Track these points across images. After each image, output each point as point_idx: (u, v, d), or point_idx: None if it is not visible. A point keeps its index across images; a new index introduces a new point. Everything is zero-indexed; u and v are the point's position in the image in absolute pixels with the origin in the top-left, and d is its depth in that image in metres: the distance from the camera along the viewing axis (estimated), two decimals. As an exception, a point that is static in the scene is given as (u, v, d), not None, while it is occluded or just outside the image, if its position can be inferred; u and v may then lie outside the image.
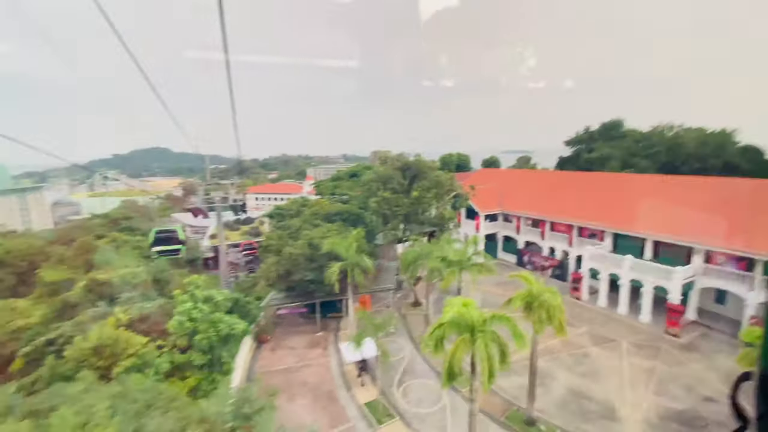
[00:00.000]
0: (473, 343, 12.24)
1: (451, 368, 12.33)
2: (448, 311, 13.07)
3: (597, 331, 28.57)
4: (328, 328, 29.71)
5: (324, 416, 19.97)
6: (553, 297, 16.43)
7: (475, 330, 12.65)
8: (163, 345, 17.55)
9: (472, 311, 12.80)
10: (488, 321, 12.85)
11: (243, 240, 56.41)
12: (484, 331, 12.57)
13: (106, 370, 14.08)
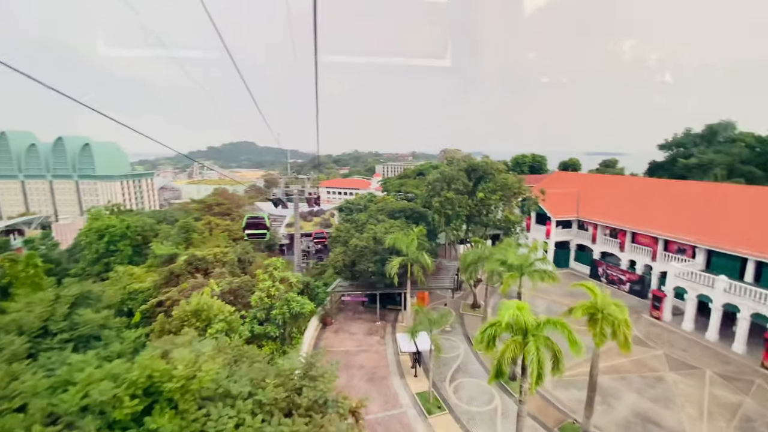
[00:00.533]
0: (525, 346, 12.49)
1: (499, 366, 12.72)
2: (503, 313, 13.42)
3: (677, 355, 26.03)
4: (386, 319, 31.16)
5: (378, 398, 21.39)
6: (619, 311, 15.72)
7: (528, 333, 12.86)
8: (245, 316, 20.33)
9: (526, 314, 13.00)
10: (542, 326, 12.94)
11: (315, 230, 60.53)
12: (537, 335, 12.72)
13: (202, 330, 16.97)
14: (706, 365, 24.68)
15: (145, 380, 7.27)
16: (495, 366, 12.77)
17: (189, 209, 69.58)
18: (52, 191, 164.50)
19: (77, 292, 16.15)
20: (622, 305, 16.20)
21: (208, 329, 17.09)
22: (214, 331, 16.48)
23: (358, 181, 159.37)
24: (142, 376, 7.27)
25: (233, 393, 7.77)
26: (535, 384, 12.15)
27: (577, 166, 76.73)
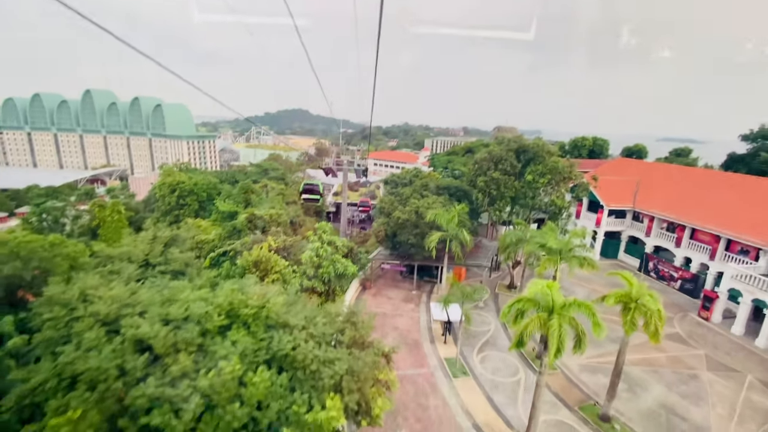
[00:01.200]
0: (548, 322, 13.35)
1: (521, 337, 13.76)
2: (531, 289, 14.29)
3: (718, 357, 25.24)
4: (422, 289, 32.79)
5: (408, 358, 23.36)
6: (652, 302, 15.88)
7: (554, 311, 13.67)
8: (296, 271, 22.78)
9: (555, 294, 13.76)
10: (568, 306, 13.66)
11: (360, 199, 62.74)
12: (562, 314, 13.49)
13: (260, 279, 19.53)
14: (748, 370, 23.82)
15: (227, 305, 9.34)
16: (517, 336, 13.83)
17: (247, 172, 74.60)
18: (129, 147, 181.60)
19: (169, 235, 19.29)
20: (656, 296, 16.28)
21: (265, 278, 19.63)
22: (271, 280, 18.98)
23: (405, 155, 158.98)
24: (225, 302, 9.35)
25: (291, 324, 9.66)
26: (554, 357, 13.08)
27: (643, 152, 71.24)
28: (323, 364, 8.54)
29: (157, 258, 15.76)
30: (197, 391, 6.81)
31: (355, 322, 10.74)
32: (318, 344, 9.19)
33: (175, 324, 8.17)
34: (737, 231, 31.47)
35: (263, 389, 7.32)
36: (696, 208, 36.22)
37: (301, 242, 26.12)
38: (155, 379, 6.95)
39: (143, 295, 9.33)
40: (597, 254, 43.53)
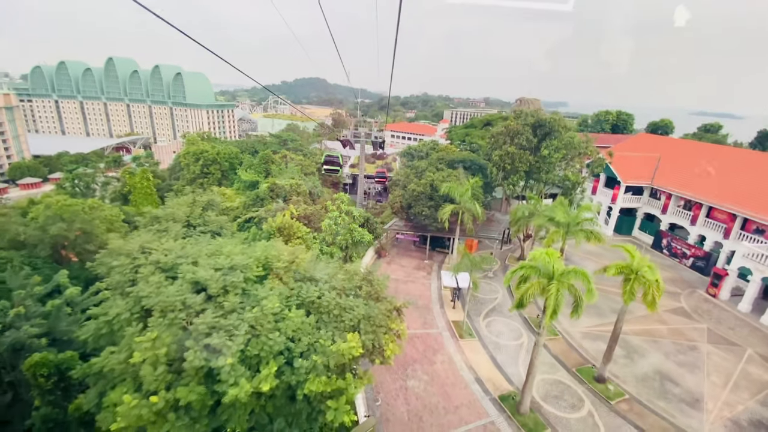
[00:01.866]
0: (548, 287, 14.54)
1: (521, 299, 15.05)
2: (532, 255, 15.43)
3: (721, 331, 26.09)
4: (434, 259, 34.24)
5: (418, 319, 25.15)
6: (651, 273, 16.80)
7: (553, 277, 14.82)
8: (316, 237, 24.43)
9: (555, 262, 14.85)
10: (567, 273, 14.76)
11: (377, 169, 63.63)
12: (561, 280, 14.62)
13: (284, 243, 21.23)
14: (749, 344, 24.66)
15: (263, 259, 10.89)
16: (518, 298, 15.13)
17: (267, 142, 76.03)
18: (151, 115, 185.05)
19: (207, 199, 21.08)
20: (654, 268, 17.15)
21: (288, 243, 21.28)
22: (294, 245, 20.63)
23: (423, 127, 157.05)
24: (262, 256, 10.89)
25: (316, 278, 11.19)
26: (550, 318, 14.36)
27: (669, 127, 68.98)
28: (344, 309, 10.05)
29: (196, 219, 17.57)
30: (245, 322, 8.41)
31: (371, 280, 12.19)
32: (339, 295, 10.69)
33: (223, 272, 9.75)
34: (754, 210, 31.30)
35: (296, 324, 8.89)
36: (715, 186, 35.86)
37: (320, 211, 27.64)
38: (211, 311, 8.59)
39: (192, 248, 10.97)
40: (611, 230, 43.85)
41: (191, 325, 8.28)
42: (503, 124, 31.50)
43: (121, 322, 9.02)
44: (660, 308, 28.36)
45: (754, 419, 18.79)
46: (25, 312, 18.67)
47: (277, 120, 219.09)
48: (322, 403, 8.89)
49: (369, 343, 9.65)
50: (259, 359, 8.14)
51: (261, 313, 8.47)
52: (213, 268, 9.62)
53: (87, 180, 69.96)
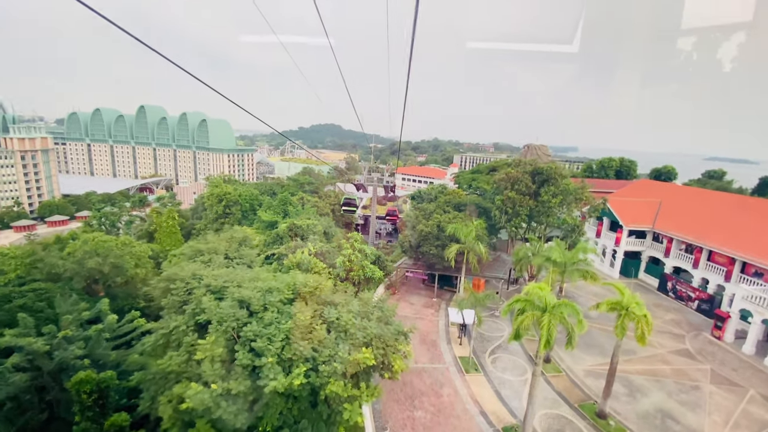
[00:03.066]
0: (541, 319, 16.13)
1: (518, 330, 16.58)
2: (527, 289, 17.20)
3: (724, 372, 26.48)
4: (442, 297, 35.63)
5: (426, 354, 26.32)
6: (638, 308, 18.24)
7: (546, 309, 16.45)
8: (331, 273, 26.46)
9: (546, 295, 16.55)
10: (558, 306, 16.39)
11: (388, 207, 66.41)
12: (553, 312, 16.23)
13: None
14: (751, 385, 24.97)
15: (293, 285, 13.00)
16: (515, 329, 16.69)
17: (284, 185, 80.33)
18: (176, 158, 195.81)
19: (242, 236, 23.67)
20: (642, 304, 18.59)
21: (306, 277, 23.39)
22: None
23: (433, 170, 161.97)
24: (291, 282, 13.02)
25: (336, 302, 13.15)
26: (543, 348, 15.81)
27: (672, 174, 71.03)
28: (358, 329, 11.90)
29: (234, 253, 19.97)
30: (282, 331, 10.37)
31: (382, 307, 14.09)
32: (354, 317, 12.58)
33: (262, 293, 11.84)
34: (751, 253, 32.43)
35: (321, 335, 10.78)
36: (714, 230, 37.21)
37: (335, 249, 29.91)
38: (255, 323, 10.60)
39: (234, 275, 13.16)
40: (617, 273, 44.77)
41: (240, 333, 10.28)
42: (504, 171, 34.21)
43: (179, 333, 11.06)
44: (664, 349, 29.24)
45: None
46: (71, 335, 20.85)
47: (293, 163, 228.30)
48: (339, 406, 10.53)
49: (380, 357, 11.40)
50: (291, 362, 9.99)
51: (294, 325, 10.48)
52: (254, 290, 11.76)
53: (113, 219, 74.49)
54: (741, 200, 44.56)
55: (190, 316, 11.20)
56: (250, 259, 20.26)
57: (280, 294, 12.02)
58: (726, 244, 34.79)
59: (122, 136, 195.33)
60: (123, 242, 40.42)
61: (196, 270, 13.35)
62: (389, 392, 22.56)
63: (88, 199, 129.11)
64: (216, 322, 10.42)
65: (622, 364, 26.56)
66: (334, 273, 26.29)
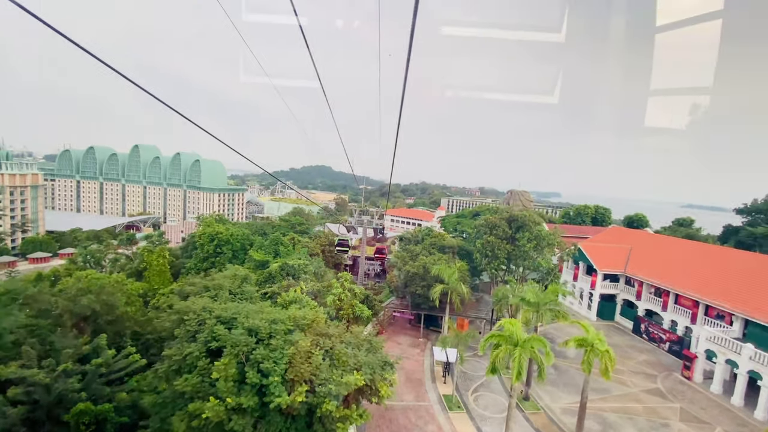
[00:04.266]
0: (513, 352, 17.92)
1: (494, 364, 18.28)
2: (500, 324, 19.10)
3: (693, 411, 28.00)
4: (428, 338, 36.86)
5: (411, 392, 27.29)
6: (601, 344, 20.21)
7: (518, 344, 18.30)
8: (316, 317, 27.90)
9: (518, 330, 18.47)
10: (529, 341, 18.27)
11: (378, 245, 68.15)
12: (524, 346, 18.06)
13: (295, 314, 24.68)
14: (718, 423, 26.48)
15: (293, 317, 14.63)
16: (491, 364, 18.39)
17: (275, 225, 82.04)
18: (165, 197, 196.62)
19: (244, 274, 25.22)
20: (603, 340, 20.57)
21: (298, 314, 24.76)
22: (304, 315, 24.14)
23: (421, 213, 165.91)
24: (292, 316, 14.66)
25: (330, 333, 14.78)
26: (516, 378, 17.49)
27: (643, 221, 75.47)
28: (350, 357, 13.51)
29: (236, 289, 21.49)
30: (285, 355, 11.96)
31: (371, 340, 15.77)
32: (346, 347, 14.21)
33: (268, 323, 13.48)
34: (712, 297, 35.13)
35: (317, 361, 12.36)
36: (679, 275, 40.13)
37: (326, 288, 31.47)
38: (262, 348, 12.17)
39: (241, 308, 14.78)
40: (594, 315, 46.80)
41: (250, 356, 11.83)
42: (484, 217, 37.10)
43: (192, 358, 12.51)
44: (637, 388, 30.84)
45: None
46: (70, 369, 21.56)
47: (283, 203, 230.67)
48: (333, 425, 11.90)
49: (368, 382, 12.95)
50: (293, 382, 11.49)
51: (296, 351, 12.09)
52: (261, 320, 13.40)
53: (98, 256, 74.38)
54: (703, 248, 48.13)
55: (202, 344, 12.70)
56: (251, 295, 21.76)
57: (283, 324, 13.67)
58: (690, 288, 37.57)
59: (113, 174, 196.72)
60: (116, 280, 41.14)
61: (206, 304, 14.96)
62: (376, 429, 23.43)
63: (73, 236, 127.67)
64: (230, 347, 11.97)
65: (597, 402, 28.03)
66: (324, 311, 27.71)
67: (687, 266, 41.39)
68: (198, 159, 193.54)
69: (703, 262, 40.96)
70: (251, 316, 13.59)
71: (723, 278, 36.71)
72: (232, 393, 10.89)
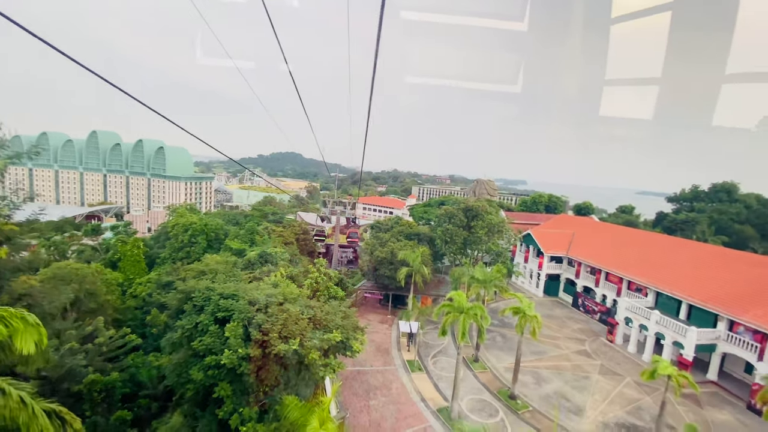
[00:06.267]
0: (459, 317, 22.42)
1: (444, 327, 22.75)
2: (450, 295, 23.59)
3: (610, 366, 34.16)
4: (395, 314, 41.37)
5: (380, 359, 31.66)
6: (530, 310, 25.19)
7: (463, 311, 22.82)
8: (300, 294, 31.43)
9: (462, 300, 22.99)
10: (471, 308, 22.83)
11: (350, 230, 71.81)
12: (467, 312, 22.61)
13: (277, 295, 28.06)
14: (629, 374, 32.71)
15: (282, 293, 18.16)
16: (441, 328, 22.86)
17: (248, 215, 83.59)
18: (128, 186, 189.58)
19: (234, 260, 28.18)
20: (532, 306, 25.57)
21: (280, 295, 28.15)
22: (285, 296, 27.57)
23: (393, 201, 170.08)
24: (282, 292, 18.18)
25: (313, 305, 18.46)
26: (461, 337, 22.04)
27: (590, 209, 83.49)
28: (329, 321, 17.30)
29: (227, 273, 24.57)
30: (280, 319, 15.58)
31: (345, 310, 19.66)
32: (326, 314, 17.99)
33: (264, 296, 16.94)
34: (632, 274, 41.68)
35: (304, 324, 16.05)
36: (608, 256, 46.71)
37: (303, 273, 34.95)
38: (262, 315, 15.68)
39: (239, 286, 18.12)
40: (542, 292, 53.13)
41: (252, 321, 15.31)
42: (444, 208, 41.67)
43: (203, 326, 15.80)
44: (569, 350, 36.65)
45: (619, 422, 26.15)
46: (76, 347, 24.15)
47: (252, 192, 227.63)
48: (317, 370, 15.69)
49: (344, 339, 16.82)
50: (287, 337, 15.11)
51: (288, 316, 15.68)
52: (259, 293, 16.83)
53: (63, 248, 73.52)
54: (631, 232, 55.37)
55: (210, 314, 15.97)
56: (240, 278, 24.90)
57: (276, 298, 17.14)
58: (616, 266, 44.10)
59: (69, 161, 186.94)
60: (96, 269, 42.67)
61: (207, 285, 18.15)
62: (349, 388, 27.65)
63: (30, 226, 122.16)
64: (237, 313, 15.35)
65: (534, 362, 33.65)
66: (303, 293, 31.31)
67: (616, 248, 48.11)
68: (162, 146, 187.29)
69: (629, 245, 47.79)
70: (249, 292, 17.01)
71: (642, 258, 43.42)
72: (240, 347, 14.37)
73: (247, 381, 14.44)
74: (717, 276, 36.03)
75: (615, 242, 49.88)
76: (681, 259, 40.73)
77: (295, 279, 34.18)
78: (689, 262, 39.51)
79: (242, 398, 14.79)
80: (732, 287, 33.70)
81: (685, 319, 35.33)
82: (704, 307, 33.25)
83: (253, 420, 13.95)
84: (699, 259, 39.58)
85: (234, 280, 21.33)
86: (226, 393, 14.67)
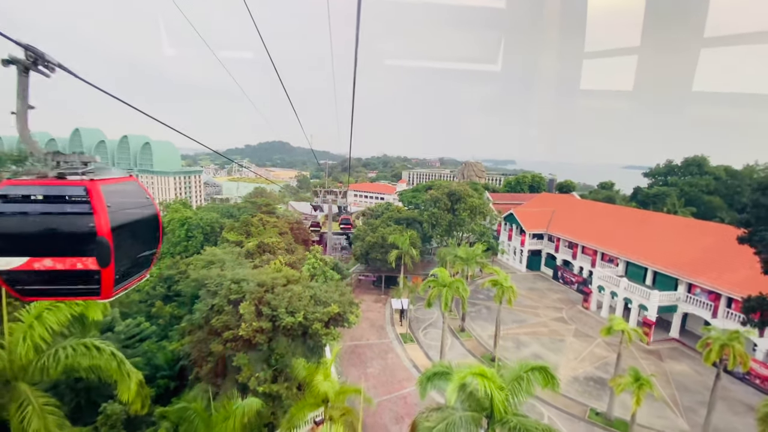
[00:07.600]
0: (442, 290, 25.33)
1: (429, 299, 25.69)
2: (437, 273, 26.44)
3: (584, 329, 37.78)
4: (388, 294, 44.41)
5: (374, 334, 34.73)
6: (506, 281, 28.22)
7: (446, 285, 25.72)
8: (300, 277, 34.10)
9: (445, 276, 25.84)
10: (453, 282, 25.73)
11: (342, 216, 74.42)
12: (450, 286, 25.51)
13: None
14: (599, 337, 36.30)
15: (286, 276, 20.73)
16: (427, 300, 25.78)
17: (241, 207, 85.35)
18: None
19: (239, 250, 30.61)
20: (509, 279, 28.60)
21: (281, 280, 30.77)
22: (286, 280, 30.18)
23: (384, 186, 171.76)
24: (286, 274, 20.77)
25: (312, 285, 21.09)
26: (445, 307, 24.99)
27: (572, 187, 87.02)
28: (328, 297, 20.00)
29: (235, 261, 27.04)
30: (285, 297, 18.19)
31: (341, 288, 22.37)
32: (324, 292, 20.66)
33: (271, 279, 19.51)
34: (605, 246, 45.14)
35: (306, 300, 18.72)
36: (584, 230, 50.11)
37: (300, 260, 37.53)
38: (270, 295, 18.28)
39: (248, 272, 20.60)
40: (524, 267, 56.64)
41: (262, 300, 17.90)
42: (429, 193, 44.29)
43: (219, 306, 18.36)
44: (547, 318, 40.08)
45: (588, 377, 29.69)
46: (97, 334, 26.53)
47: (242, 183, 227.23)
48: (319, 339, 18.42)
49: (342, 312, 19.56)
50: (293, 311, 17.77)
51: (295, 294, 18.30)
52: (267, 277, 19.41)
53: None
54: (606, 207, 58.87)
55: (224, 297, 18.51)
56: (246, 265, 27.42)
57: (280, 280, 19.72)
58: (590, 239, 47.52)
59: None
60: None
61: (218, 273, 20.62)
62: (348, 360, 30.67)
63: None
64: (248, 294, 17.91)
65: (515, 330, 37.05)
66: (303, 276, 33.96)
67: (592, 223, 51.50)
68: (148, 141, 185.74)
69: (603, 219, 51.20)
70: (256, 276, 19.54)
71: (614, 231, 46.85)
72: (254, 321, 16.97)
73: (261, 350, 17.12)
74: (679, 245, 39.54)
75: (591, 217, 53.27)
76: (649, 230, 44.20)
77: (293, 266, 36.77)
78: (656, 233, 42.98)
79: (257, 365, 17.51)
80: (691, 254, 37.23)
81: (651, 285, 38.93)
82: (666, 273, 36.81)
83: (268, 381, 16.70)
84: (665, 230, 43.06)
85: (241, 267, 23.79)
86: (243, 362, 17.37)
